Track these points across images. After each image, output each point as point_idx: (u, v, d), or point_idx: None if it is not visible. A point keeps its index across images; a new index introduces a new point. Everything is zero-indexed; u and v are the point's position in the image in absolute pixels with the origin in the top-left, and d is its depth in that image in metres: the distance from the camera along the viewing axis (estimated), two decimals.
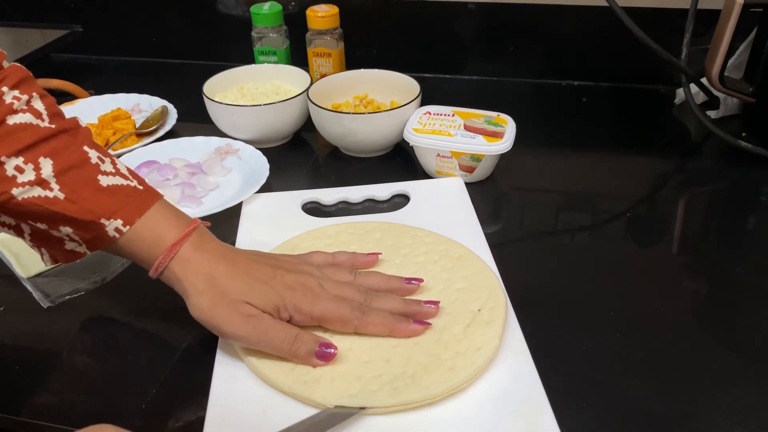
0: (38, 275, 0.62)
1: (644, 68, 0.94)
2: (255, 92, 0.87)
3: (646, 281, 0.60)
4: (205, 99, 0.82)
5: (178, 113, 0.89)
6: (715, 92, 0.82)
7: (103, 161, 0.50)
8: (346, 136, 0.79)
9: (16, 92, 0.48)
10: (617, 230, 0.68)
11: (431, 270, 0.58)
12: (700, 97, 0.85)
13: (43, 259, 0.54)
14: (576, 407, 0.47)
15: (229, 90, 0.88)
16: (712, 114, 0.85)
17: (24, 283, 0.62)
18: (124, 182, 0.50)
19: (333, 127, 0.79)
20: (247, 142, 0.80)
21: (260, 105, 0.80)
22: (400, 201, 0.72)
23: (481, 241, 0.64)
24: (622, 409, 0.47)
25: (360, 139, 0.78)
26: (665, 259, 0.64)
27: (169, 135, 0.85)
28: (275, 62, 0.95)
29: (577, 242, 0.67)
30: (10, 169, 0.46)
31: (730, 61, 0.79)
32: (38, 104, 0.49)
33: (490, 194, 0.74)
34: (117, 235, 0.49)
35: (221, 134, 0.83)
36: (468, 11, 0.97)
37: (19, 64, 0.50)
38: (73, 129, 0.50)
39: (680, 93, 0.91)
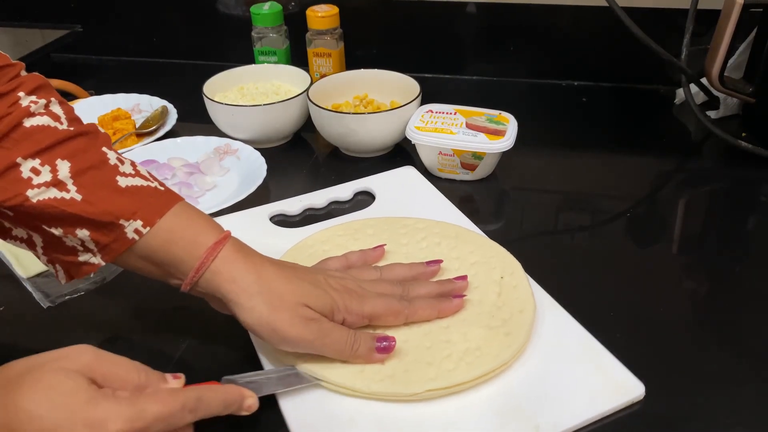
0: (38, 275, 0.62)
1: (644, 68, 0.94)
2: (255, 92, 0.87)
3: (646, 281, 0.60)
4: (205, 99, 0.82)
5: (178, 113, 0.89)
6: (715, 92, 0.82)
7: (122, 162, 0.49)
8: (346, 136, 0.79)
9: (33, 97, 0.47)
10: (617, 230, 0.68)
11: (438, 252, 0.60)
12: (700, 97, 0.85)
13: (57, 276, 0.51)
14: None
15: (229, 90, 0.88)
16: (712, 114, 0.85)
17: (24, 283, 0.62)
18: (145, 183, 0.49)
19: (333, 127, 0.79)
20: (246, 142, 0.80)
21: (260, 105, 0.80)
22: (364, 198, 0.73)
23: (462, 218, 0.67)
24: (622, 409, 0.47)
25: (360, 139, 0.78)
26: (665, 259, 0.64)
27: (169, 135, 0.85)
28: (275, 62, 0.95)
29: (577, 242, 0.67)
30: (25, 171, 0.45)
31: (730, 61, 0.79)
32: (57, 108, 0.48)
33: (492, 193, 0.74)
34: (136, 237, 0.47)
35: (221, 134, 0.83)
36: (468, 11, 0.97)
37: (37, 73, 0.50)
38: (92, 133, 0.49)
39: (680, 93, 0.91)
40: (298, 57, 0.97)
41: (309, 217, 0.71)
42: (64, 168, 0.46)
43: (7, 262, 0.64)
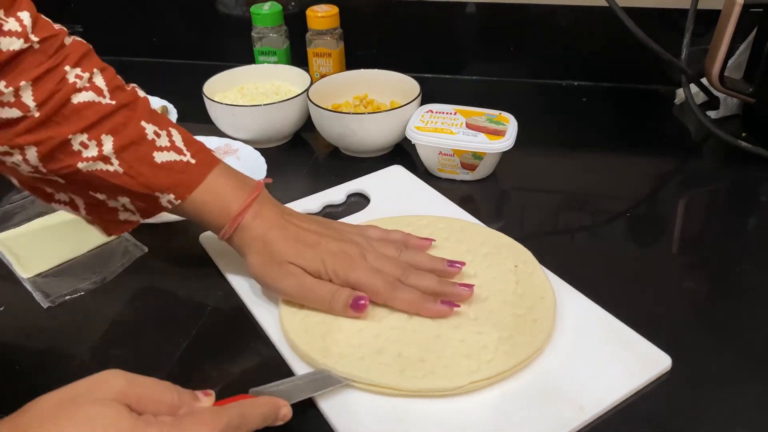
0: (38, 275, 0.62)
1: (644, 68, 0.94)
2: (255, 92, 0.87)
3: (646, 281, 0.60)
4: (205, 99, 0.82)
5: (178, 113, 0.89)
6: (715, 92, 0.82)
7: (159, 135, 0.54)
8: (346, 136, 0.79)
9: (78, 70, 0.52)
10: (617, 230, 0.68)
11: (449, 247, 0.61)
12: (700, 97, 0.85)
13: (97, 230, 0.59)
14: None
15: (229, 90, 0.88)
16: (712, 114, 0.85)
17: (24, 283, 0.62)
18: (177, 158, 0.55)
19: (333, 127, 0.79)
20: (247, 142, 0.80)
21: (260, 105, 0.80)
22: (358, 200, 0.73)
23: (460, 212, 0.68)
24: (622, 409, 0.47)
25: (360, 139, 0.78)
26: (665, 259, 0.64)
27: None
28: (275, 62, 0.95)
29: (577, 242, 0.67)
30: (76, 144, 0.51)
31: (730, 61, 0.79)
32: (99, 80, 0.53)
33: (492, 193, 0.74)
34: (169, 206, 0.55)
35: (221, 134, 0.83)
36: (468, 11, 0.97)
37: (80, 39, 0.54)
38: (132, 102, 0.54)
39: (680, 93, 0.91)
40: (298, 57, 0.97)
41: None
42: (108, 144, 0.52)
43: (7, 262, 0.64)
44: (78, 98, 0.51)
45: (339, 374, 0.49)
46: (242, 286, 0.60)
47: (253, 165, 0.76)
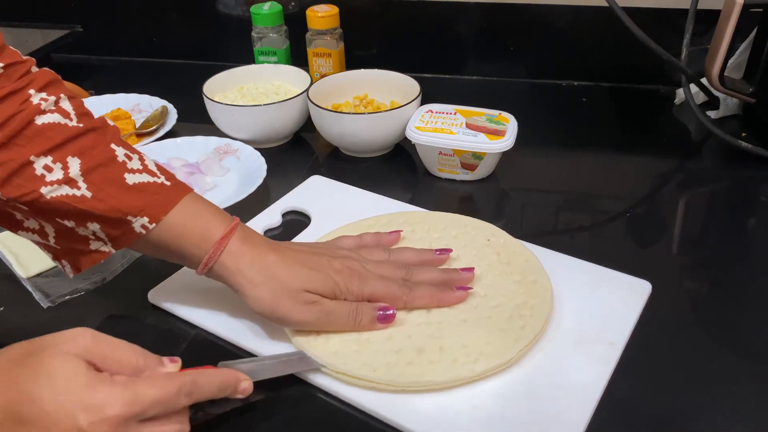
0: (38, 275, 0.62)
1: (644, 68, 0.94)
2: (255, 92, 0.87)
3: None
4: (205, 99, 0.82)
5: (178, 113, 0.89)
6: (715, 92, 0.82)
7: (130, 158, 0.51)
8: (346, 136, 0.79)
9: (43, 94, 0.48)
10: (617, 230, 0.68)
11: (418, 238, 0.62)
12: (700, 97, 0.85)
13: (65, 270, 0.53)
14: None
15: (229, 90, 0.88)
16: (712, 114, 0.85)
17: (24, 283, 0.62)
18: (151, 179, 0.51)
19: (333, 127, 0.79)
20: (246, 142, 0.80)
21: (260, 105, 0.80)
22: (294, 218, 0.70)
23: (405, 205, 0.69)
24: (622, 410, 0.47)
25: (360, 139, 0.78)
26: (665, 259, 0.64)
27: (169, 135, 0.85)
28: (275, 62, 0.95)
29: (577, 242, 0.67)
30: (38, 168, 0.47)
31: (730, 61, 0.79)
32: (66, 104, 0.50)
33: (492, 193, 0.74)
34: (143, 231, 0.50)
35: (221, 134, 0.83)
36: (468, 11, 0.97)
37: (48, 69, 0.51)
38: (101, 128, 0.50)
39: (680, 93, 0.91)
40: (298, 57, 0.97)
41: None
42: (74, 165, 0.48)
43: (7, 262, 0.64)
44: (42, 119, 0.47)
45: (398, 386, 0.48)
46: (225, 328, 0.55)
47: (253, 165, 0.76)
